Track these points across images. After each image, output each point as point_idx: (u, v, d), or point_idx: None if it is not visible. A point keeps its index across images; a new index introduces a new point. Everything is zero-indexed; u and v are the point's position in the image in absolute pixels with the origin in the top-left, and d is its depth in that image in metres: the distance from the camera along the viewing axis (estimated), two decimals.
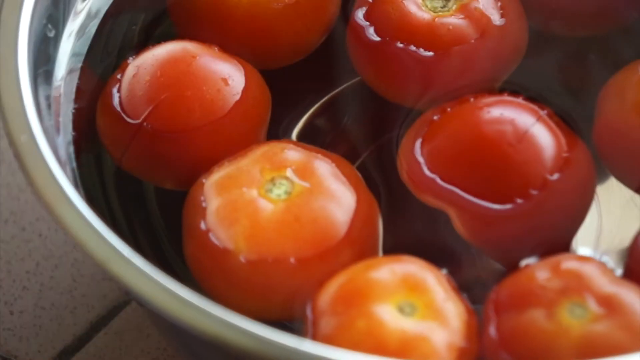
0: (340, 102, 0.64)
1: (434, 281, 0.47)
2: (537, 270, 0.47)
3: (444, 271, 0.50)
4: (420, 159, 0.54)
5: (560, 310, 0.45)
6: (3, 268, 0.66)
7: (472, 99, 0.55)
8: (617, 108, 0.55)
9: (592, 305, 0.45)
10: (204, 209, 0.52)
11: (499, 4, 0.58)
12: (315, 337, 0.46)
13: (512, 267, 0.52)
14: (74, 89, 0.57)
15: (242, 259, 0.50)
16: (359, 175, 0.55)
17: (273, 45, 0.60)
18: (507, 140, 0.53)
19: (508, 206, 0.52)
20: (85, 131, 0.57)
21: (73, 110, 0.56)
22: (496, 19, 0.57)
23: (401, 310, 0.46)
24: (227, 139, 0.55)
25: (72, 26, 0.57)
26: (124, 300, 0.64)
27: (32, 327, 0.63)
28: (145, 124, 0.54)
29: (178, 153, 0.55)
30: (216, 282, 0.52)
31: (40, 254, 0.66)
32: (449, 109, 0.55)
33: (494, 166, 0.52)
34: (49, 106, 0.53)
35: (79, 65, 0.57)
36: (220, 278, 0.51)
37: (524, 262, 0.51)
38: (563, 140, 0.54)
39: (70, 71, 0.57)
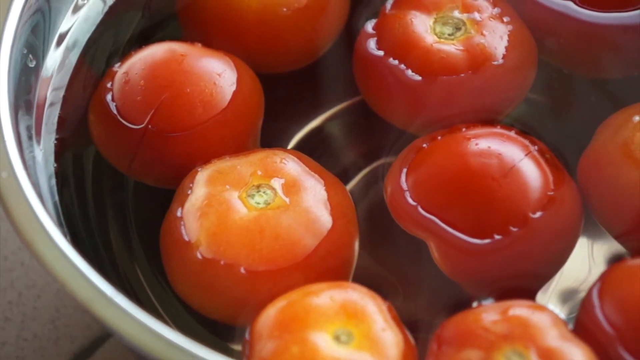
0: (343, 118, 0.64)
1: (374, 310, 0.47)
2: (485, 312, 0.46)
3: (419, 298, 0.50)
4: (404, 186, 0.54)
5: (498, 356, 0.44)
6: None
7: (463, 129, 0.55)
8: (605, 146, 0.54)
9: (533, 357, 0.44)
10: (187, 196, 0.52)
11: (507, 42, 0.57)
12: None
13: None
14: (55, 120, 0.56)
15: (198, 254, 0.50)
16: (350, 201, 0.54)
17: (282, 49, 0.60)
18: (492, 175, 0.52)
19: (486, 241, 0.52)
20: (68, 162, 0.57)
21: (55, 142, 0.56)
22: (498, 57, 0.56)
23: (337, 338, 0.46)
24: (231, 132, 0.56)
25: (53, 57, 0.57)
26: (108, 331, 0.63)
27: (15, 359, 0.62)
28: (150, 126, 0.54)
29: (186, 151, 0.55)
30: (173, 269, 0.52)
31: (23, 284, 0.65)
32: (439, 137, 0.55)
33: (475, 200, 0.52)
34: (29, 137, 0.53)
35: (61, 96, 0.57)
36: (177, 266, 0.52)
37: (486, 301, 0.51)
38: (550, 178, 0.53)
39: (51, 104, 0.57)
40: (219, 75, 0.56)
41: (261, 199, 0.52)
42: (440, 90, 0.56)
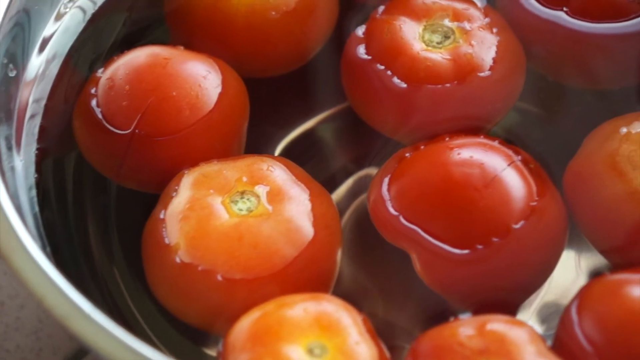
0: (331, 123, 0.64)
1: (348, 323, 0.46)
2: (462, 326, 0.46)
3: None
4: (386, 196, 0.53)
5: None
6: None
7: (447, 139, 0.54)
8: (590, 157, 0.54)
9: None
10: (171, 199, 0.52)
11: (495, 53, 0.56)
12: None
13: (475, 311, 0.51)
14: (36, 130, 0.56)
15: (177, 258, 0.50)
16: (335, 212, 0.54)
17: (271, 52, 0.60)
18: (473, 185, 0.52)
19: (466, 251, 0.51)
20: (49, 171, 0.56)
21: (36, 152, 0.55)
22: (485, 68, 0.56)
23: (310, 351, 0.45)
24: (218, 134, 0.56)
25: (33, 68, 0.56)
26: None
27: None
28: (137, 131, 0.54)
29: (174, 155, 0.55)
30: (152, 272, 0.52)
31: (6, 294, 0.64)
32: (422, 147, 0.55)
33: (457, 210, 0.51)
34: (9, 148, 0.53)
35: (42, 105, 0.57)
36: (156, 269, 0.52)
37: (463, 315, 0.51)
38: (534, 188, 0.52)
39: (32, 114, 0.56)
40: (204, 77, 0.56)
41: (244, 206, 0.52)
42: (425, 98, 0.55)
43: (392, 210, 0.53)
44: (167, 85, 0.54)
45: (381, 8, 0.59)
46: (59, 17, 0.57)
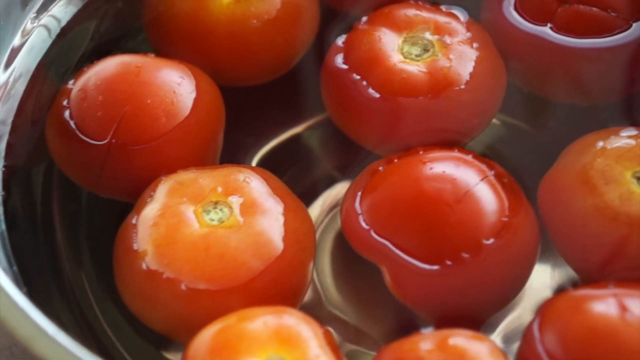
0: (312, 133, 0.64)
1: (309, 336, 0.46)
2: (423, 340, 0.45)
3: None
4: (358, 210, 0.53)
5: None
6: None
7: (420, 152, 0.54)
8: (564, 170, 0.54)
9: None
10: (145, 204, 0.52)
11: (473, 69, 0.56)
12: None
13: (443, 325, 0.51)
14: (3, 147, 0.55)
15: (143, 264, 0.50)
16: (310, 228, 0.54)
17: (253, 61, 0.60)
18: (445, 200, 0.51)
19: (435, 267, 0.51)
20: (18, 189, 0.56)
21: (2, 169, 0.55)
22: (461, 83, 0.55)
23: None
24: (195, 139, 0.55)
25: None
26: None
27: None
28: (114, 141, 0.54)
29: (152, 163, 0.55)
30: (121, 276, 0.52)
31: None
32: (395, 160, 0.55)
33: (428, 225, 0.51)
34: None
35: (9, 123, 0.56)
36: (124, 274, 0.52)
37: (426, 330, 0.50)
38: (506, 204, 0.52)
39: None
40: (178, 84, 0.55)
41: (216, 216, 0.52)
42: (399, 110, 0.55)
43: (363, 224, 0.53)
44: (141, 94, 0.54)
45: (364, 19, 0.59)
46: (24, 35, 0.57)
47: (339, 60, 0.58)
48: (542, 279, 0.58)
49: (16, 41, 0.56)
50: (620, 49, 0.58)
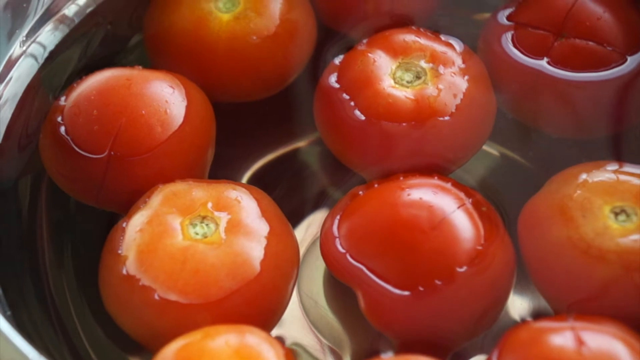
0: (302, 153, 0.65)
1: (270, 356, 0.47)
2: None
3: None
4: (336, 233, 0.54)
5: None
6: None
7: (401, 178, 0.55)
8: (544, 199, 0.54)
9: None
10: (138, 210, 0.53)
11: (461, 100, 0.56)
12: None
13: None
14: None
15: (123, 269, 0.51)
16: (293, 254, 0.54)
17: (253, 77, 0.61)
18: (420, 226, 0.52)
19: (407, 292, 0.51)
20: (3, 214, 0.57)
21: None
22: (445, 113, 0.56)
23: None
24: (190, 146, 0.57)
25: None
26: None
27: None
28: (112, 153, 0.55)
29: (151, 173, 0.56)
30: (102, 277, 0.53)
31: None
32: (376, 185, 0.55)
33: (402, 251, 0.52)
34: None
35: None
36: (105, 275, 0.53)
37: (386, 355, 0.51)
38: (481, 232, 0.52)
39: None
40: (170, 93, 0.57)
41: (201, 231, 0.52)
42: (383, 134, 0.56)
43: (340, 247, 0.53)
44: (135, 105, 0.55)
45: (365, 40, 0.60)
46: (10, 62, 0.58)
47: (332, 79, 0.58)
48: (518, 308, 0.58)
49: (2, 69, 0.57)
50: (615, 82, 0.59)
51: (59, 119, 0.57)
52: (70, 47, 0.60)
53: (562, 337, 0.46)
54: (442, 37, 0.59)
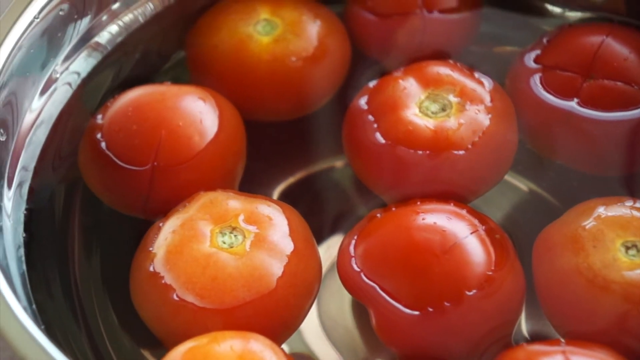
0: (327, 176, 0.67)
1: None
2: None
3: None
4: (352, 252, 0.56)
5: None
6: None
7: (418, 203, 0.57)
8: (559, 228, 0.55)
9: None
10: (176, 212, 0.56)
11: (479, 137, 0.58)
12: None
13: None
14: (26, 191, 0.58)
15: (151, 265, 0.54)
16: (314, 276, 0.56)
17: (291, 96, 0.64)
18: (432, 250, 0.54)
19: (416, 312, 0.53)
20: (39, 231, 0.59)
21: (25, 212, 0.58)
22: (461, 147, 0.58)
23: None
24: (226, 152, 0.60)
25: (22, 134, 0.58)
26: None
27: None
28: (155, 164, 0.58)
29: (192, 179, 0.59)
30: (132, 271, 0.56)
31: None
32: (393, 209, 0.57)
33: (414, 272, 0.54)
34: None
35: (31, 168, 0.59)
36: (134, 269, 0.56)
37: None
38: (492, 258, 0.54)
39: (20, 178, 0.58)
40: (202, 104, 0.60)
41: (228, 240, 0.55)
42: (400, 159, 0.58)
43: (355, 266, 0.55)
44: (172, 117, 0.59)
45: (402, 68, 0.62)
46: (47, 86, 0.60)
47: (362, 101, 0.61)
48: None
49: (40, 91, 0.60)
50: None
51: (99, 135, 0.59)
52: (103, 72, 0.63)
53: None
54: (476, 75, 0.61)
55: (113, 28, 0.63)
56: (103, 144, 0.59)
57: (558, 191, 0.65)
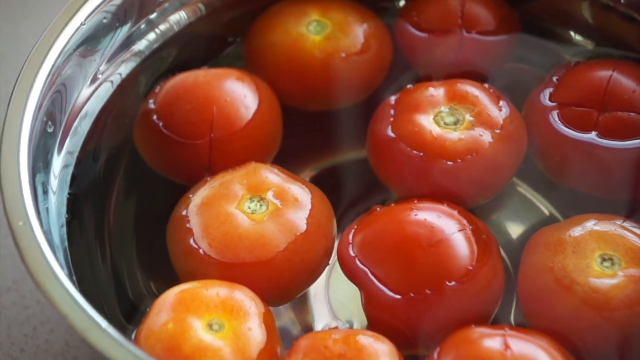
0: (350, 167, 0.73)
1: (251, 311, 0.55)
2: (334, 334, 0.55)
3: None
4: (350, 240, 0.62)
5: None
6: (3, 331, 0.70)
7: (415, 201, 0.62)
8: (547, 231, 0.60)
9: None
10: (226, 172, 0.63)
11: (470, 155, 0.63)
12: (140, 325, 0.56)
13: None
14: (69, 177, 0.63)
15: (184, 210, 0.61)
16: (324, 256, 0.62)
17: (341, 88, 0.71)
18: (420, 243, 0.59)
19: (399, 296, 0.59)
20: (79, 213, 0.64)
21: (67, 196, 0.63)
22: (453, 159, 0.62)
23: (209, 326, 0.54)
24: (270, 120, 0.68)
25: (68, 125, 0.64)
26: None
27: None
28: (212, 135, 0.65)
29: (246, 146, 0.66)
30: (172, 213, 0.63)
31: (38, 320, 0.71)
32: (392, 204, 0.63)
33: (402, 261, 0.59)
34: (45, 192, 0.59)
35: (74, 157, 0.64)
36: (174, 210, 0.63)
37: None
38: (475, 255, 0.59)
39: (65, 164, 0.63)
40: (241, 83, 0.68)
41: (252, 207, 0.61)
42: (398, 154, 0.64)
43: (351, 252, 0.61)
44: (219, 95, 0.66)
45: (441, 80, 0.68)
46: (92, 83, 0.67)
47: (394, 97, 0.67)
48: None
49: (85, 88, 0.66)
50: None
51: (154, 118, 0.67)
52: (141, 74, 0.70)
53: (492, 341, 0.53)
54: (501, 102, 0.65)
55: (150, 35, 0.70)
56: (160, 124, 0.66)
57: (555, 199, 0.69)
